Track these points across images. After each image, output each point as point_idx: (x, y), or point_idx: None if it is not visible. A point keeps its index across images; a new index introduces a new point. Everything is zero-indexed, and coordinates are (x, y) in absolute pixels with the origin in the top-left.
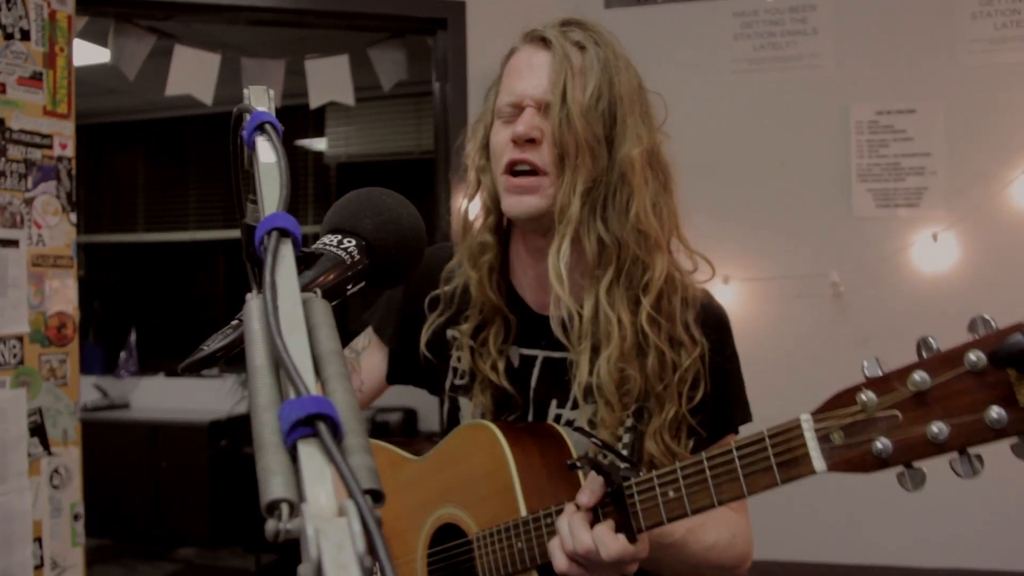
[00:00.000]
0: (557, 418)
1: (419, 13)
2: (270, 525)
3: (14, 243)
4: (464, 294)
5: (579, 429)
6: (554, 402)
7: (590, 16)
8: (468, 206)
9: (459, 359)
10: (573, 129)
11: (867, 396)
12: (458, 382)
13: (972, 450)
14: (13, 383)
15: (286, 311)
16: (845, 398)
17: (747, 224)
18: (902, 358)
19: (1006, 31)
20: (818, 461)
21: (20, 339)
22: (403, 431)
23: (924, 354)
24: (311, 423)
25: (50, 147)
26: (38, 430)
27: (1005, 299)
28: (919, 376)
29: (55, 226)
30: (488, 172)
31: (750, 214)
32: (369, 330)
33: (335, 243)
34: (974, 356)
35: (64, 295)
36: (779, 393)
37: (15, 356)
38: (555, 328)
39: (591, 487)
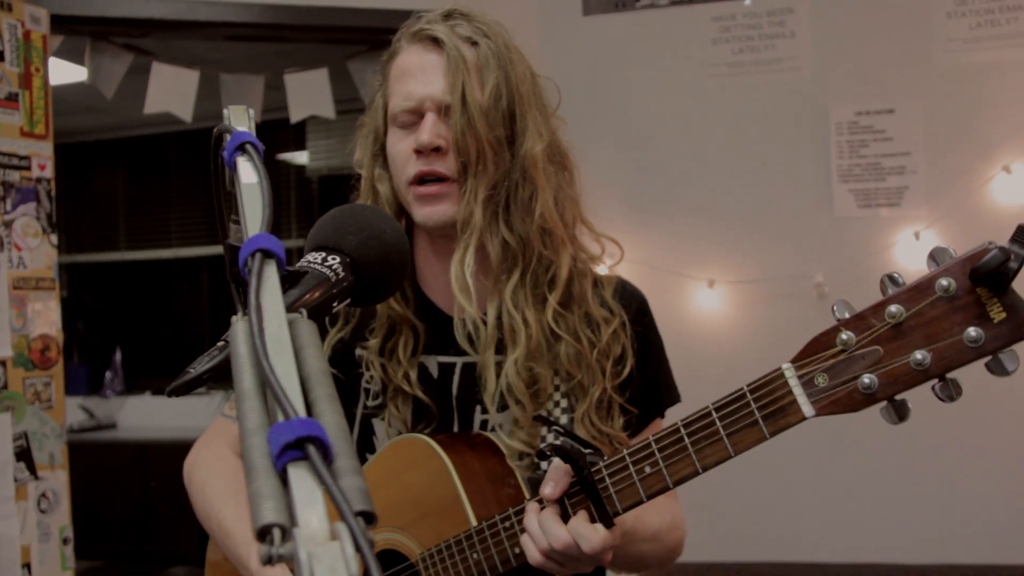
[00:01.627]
0: (483, 424)
1: (397, 25)
2: (263, 550)
3: None
4: (365, 309)
5: (539, 417)
6: (478, 407)
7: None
8: None
9: (370, 379)
10: (475, 134)
11: (846, 335)
12: (371, 403)
13: (951, 375)
14: None
15: (272, 333)
16: (823, 341)
17: (730, 227)
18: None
19: (980, 30)
20: (806, 406)
21: (3, 363)
22: None
23: (891, 289)
24: (301, 446)
25: (28, 168)
26: (24, 454)
27: None
28: (894, 308)
29: (36, 248)
30: (385, 180)
31: (733, 217)
32: None
33: (319, 260)
34: (944, 282)
35: (47, 317)
36: None
37: None
38: (459, 338)
39: (554, 478)
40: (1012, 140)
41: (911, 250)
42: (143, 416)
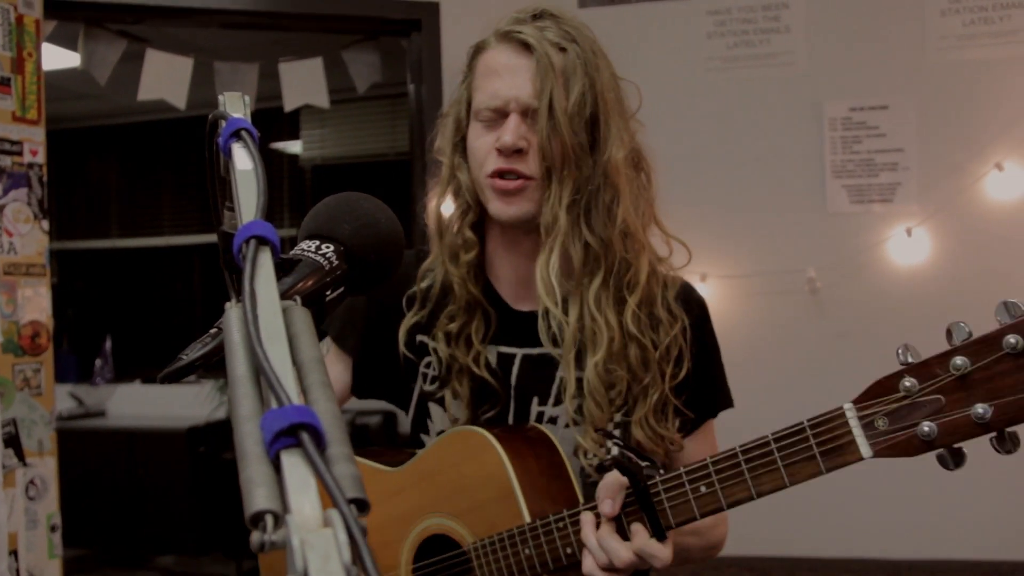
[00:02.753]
0: (539, 415)
1: (393, 15)
2: (255, 537)
3: None
4: (441, 293)
5: (600, 430)
6: (535, 399)
7: (568, 13)
8: (442, 204)
9: (428, 364)
10: (560, 139)
11: (909, 382)
12: (428, 387)
13: (1009, 429)
14: None
15: (266, 320)
16: (886, 385)
17: (723, 221)
18: (879, 352)
19: (974, 28)
20: (864, 447)
21: None
22: (383, 434)
23: (956, 339)
24: (294, 433)
25: (20, 154)
26: (12, 441)
27: (979, 292)
28: (959, 360)
29: (27, 234)
30: (464, 170)
31: (726, 211)
32: (327, 340)
33: (313, 249)
34: (1013, 339)
35: (37, 303)
36: (757, 389)
37: None
38: (543, 338)
39: (609, 494)
40: (1004, 137)
41: (903, 246)
42: (132, 404)
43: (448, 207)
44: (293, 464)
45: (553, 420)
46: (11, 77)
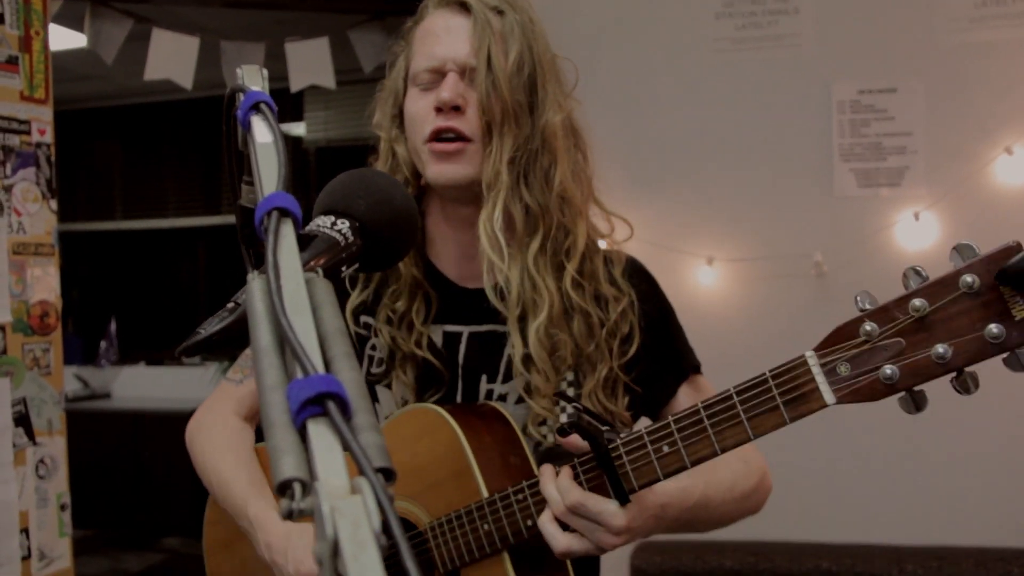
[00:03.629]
0: (488, 393)
1: None
2: (283, 504)
3: None
4: (382, 275)
5: (559, 394)
6: (484, 377)
7: None
8: None
9: (374, 347)
10: (500, 95)
11: (869, 327)
12: (375, 370)
13: (969, 369)
14: None
15: (289, 291)
16: (846, 332)
17: (730, 205)
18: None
19: (985, 9)
20: (828, 394)
21: (2, 328)
22: None
23: (914, 283)
24: (320, 402)
25: (28, 133)
26: (23, 420)
27: None
28: (918, 302)
29: (35, 213)
30: (402, 142)
31: (733, 195)
32: None
33: (328, 225)
34: (969, 278)
35: (46, 283)
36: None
37: None
38: (490, 295)
39: (572, 444)
40: (1014, 121)
41: (911, 230)
42: (137, 386)
43: None
44: (320, 433)
45: (503, 397)
46: (19, 56)
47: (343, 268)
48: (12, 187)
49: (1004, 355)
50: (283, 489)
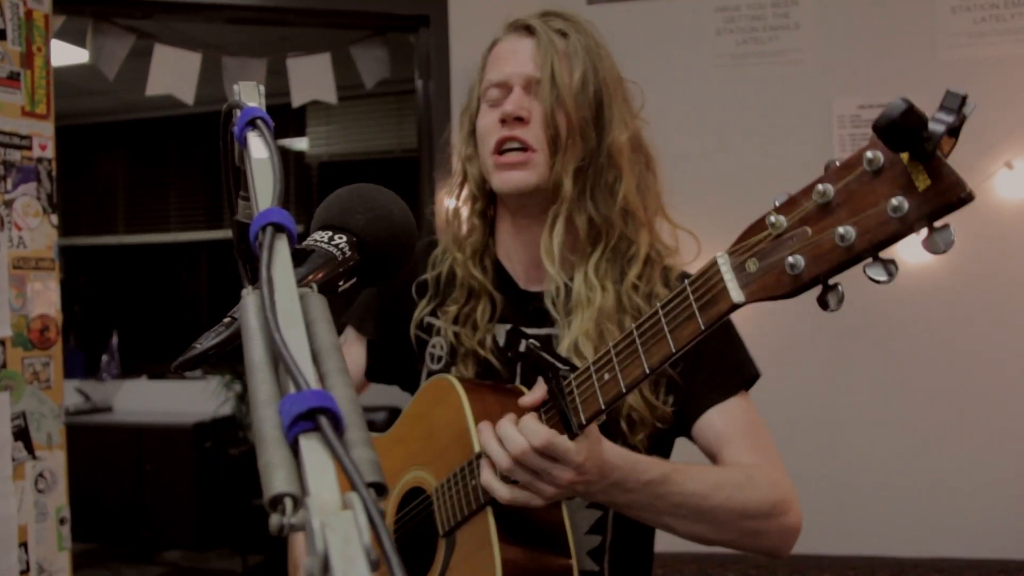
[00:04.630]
0: None
1: (401, 11)
2: (274, 520)
3: None
4: (449, 279)
5: (514, 330)
6: (540, 379)
7: (573, 12)
8: (455, 204)
9: (435, 344)
10: (564, 108)
11: (775, 218)
12: (434, 367)
13: (885, 254)
14: None
15: (283, 306)
16: (756, 228)
17: (730, 218)
18: (887, 349)
19: (985, 25)
20: (735, 292)
21: (2, 343)
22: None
23: (828, 166)
24: (312, 417)
25: (29, 148)
26: (22, 434)
27: (987, 290)
28: (822, 187)
29: (36, 228)
30: (475, 160)
31: (734, 209)
32: (347, 328)
33: (326, 239)
34: (871, 154)
35: (46, 297)
36: (764, 385)
37: None
38: (547, 302)
39: (536, 389)
40: (1014, 136)
41: (912, 244)
42: (139, 400)
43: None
44: (311, 448)
45: None
46: (20, 72)
47: (340, 283)
48: (13, 202)
49: (922, 236)
50: (274, 504)
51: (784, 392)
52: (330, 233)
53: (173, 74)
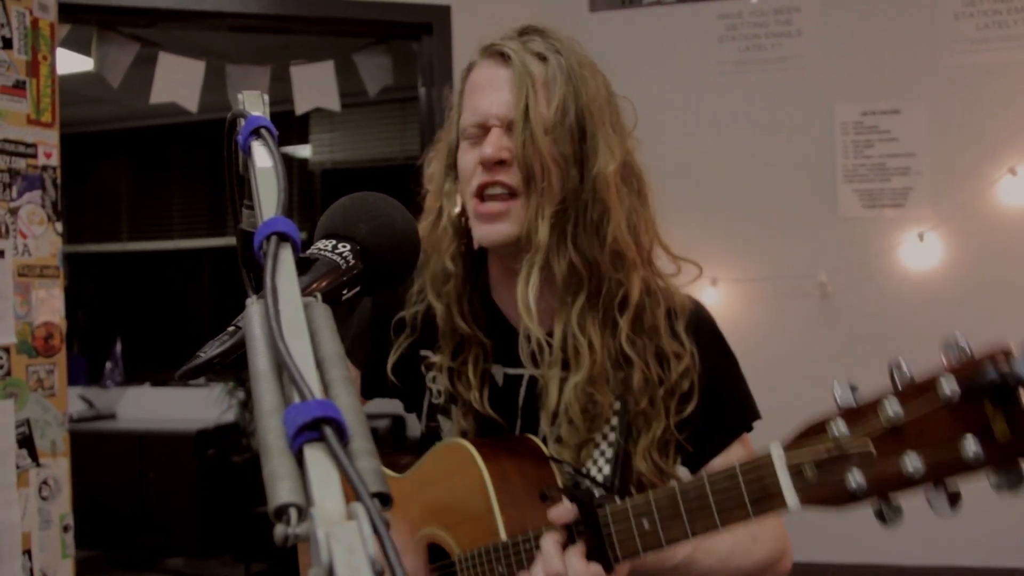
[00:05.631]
0: (544, 438)
1: (404, 18)
2: (279, 530)
3: None
4: (429, 317)
5: (552, 459)
6: (543, 422)
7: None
8: (429, 232)
9: (434, 379)
10: (538, 149)
11: (839, 430)
12: (436, 401)
13: (950, 482)
14: (0, 394)
15: (288, 315)
16: (816, 430)
17: (734, 226)
18: (890, 357)
19: (988, 31)
20: (791, 498)
21: (7, 350)
22: (391, 439)
23: (897, 379)
24: (317, 427)
25: (34, 156)
26: (26, 441)
27: (991, 298)
28: (892, 410)
29: (41, 236)
30: (453, 197)
31: (737, 216)
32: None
33: (329, 248)
34: (947, 388)
35: (51, 305)
36: (767, 394)
37: (1, 367)
38: (523, 357)
39: (566, 508)
40: (1018, 142)
41: (915, 251)
42: (142, 407)
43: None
44: (316, 458)
45: (559, 440)
46: (26, 80)
47: (344, 291)
48: (18, 210)
49: (991, 478)
50: (279, 514)
51: (789, 401)
52: (334, 242)
53: (177, 82)
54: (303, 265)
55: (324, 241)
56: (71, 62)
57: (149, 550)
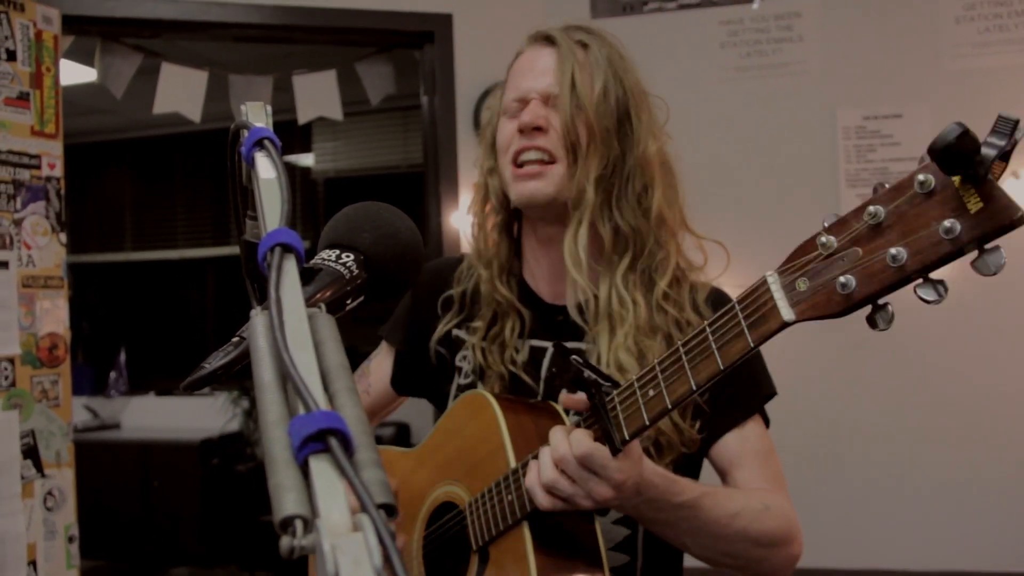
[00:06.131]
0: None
1: (406, 27)
2: (284, 541)
3: (3, 264)
4: (475, 295)
5: (558, 345)
6: (564, 392)
7: (597, 25)
8: (478, 219)
9: (463, 358)
10: (585, 116)
11: (826, 239)
12: (463, 381)
13: (934, 275)
14: (5, 405)
15: (292, 326)
16: (806, 248)
17: (738, 231)
18: (896, 362)
19: (989, 35)
20: (785, 310)
21: (11, 361)
22: (395, 446)
23: (877, 189)
24: (322, 438)
25: (38, 167)
26: (31, 452)
27: (996, 301)
28: (873, 208)
29: (45, 246)
30: (495, 173)
31: (740, 221)
32: (383, 342)
33: (333, 258)
34: (922, 177)
35: (55, 315)
36: (773, 401)
37: (6, 378)
38: (571, 312)
39: (576, 397)
40: (1021, 145)
41: None
42: (147, 417)
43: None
44: (321, 469)
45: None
46: (30, 92)
47: (348, 301)
48: (22, 221)
49: (971, 257)
50: (285, 526)
51: (792, 405)
52: (337, 251)
53: (180, 92)
54: (307, 275)
55: (328, 251)
56: (75, 73)
57: (154, 560)
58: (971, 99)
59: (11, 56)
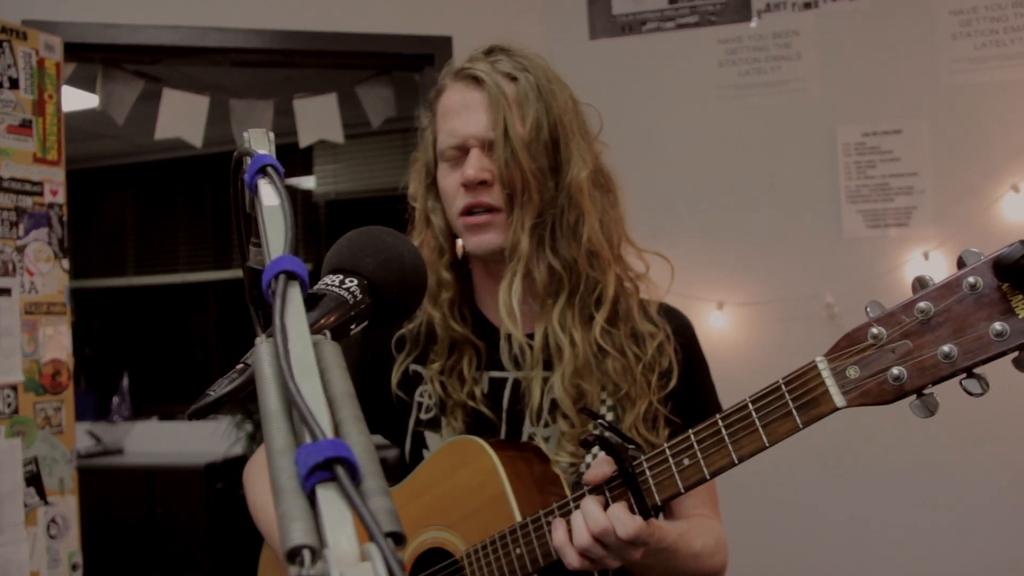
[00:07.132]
0: (531, 436)
1: (406, 50)
2: (292, 572)
3: (6, 291)
4: (428, 333)
5: (585, 410)
6: (527, 421)
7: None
8: (420, 247)
9: (422, 394)
10: (519, 166)
11: (877, 330)
12: (424, 416)
13: (979, 370)
14: (8, 433)
15: (297, 354)
16: (855, 337)
17: (739, 249)
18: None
19: (986, 50)
20: (837, 396)
21: (14, 388)
22: (400, 468)
23: (922, 289)
24: (329, 467)
25: (41, 194)
26: (34, 479)
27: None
28: (923, 305)
29: (47, 273)
30: (438, 212)
31: (741, 239)
32: None
33: (337, 283)
34: (972, 279)
35: (58, 342)
36: None
37: (9, 405)
38: (504, 359)
39: (597, 466)
40: (1019, 159)
41: (920, 270)
42: (150, 442)
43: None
44: (329, 498)
45: (546, 440)
46: (32, 119)
47: (352, 326)
48: (25, 247)
49: (1013, 355)
50: (292, 556)
51: None
52: (341, 276)
53: (181, 117)
54: (311, 301)
55: (331, 276)
56: (76, 99)
57: None
58: (969, 114)
59: (14, 84)
